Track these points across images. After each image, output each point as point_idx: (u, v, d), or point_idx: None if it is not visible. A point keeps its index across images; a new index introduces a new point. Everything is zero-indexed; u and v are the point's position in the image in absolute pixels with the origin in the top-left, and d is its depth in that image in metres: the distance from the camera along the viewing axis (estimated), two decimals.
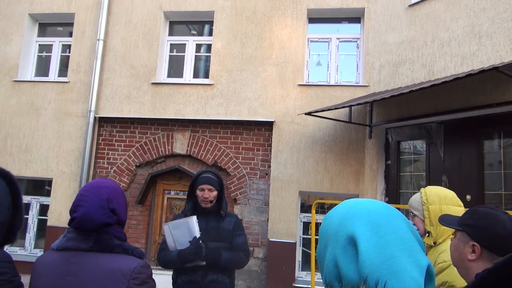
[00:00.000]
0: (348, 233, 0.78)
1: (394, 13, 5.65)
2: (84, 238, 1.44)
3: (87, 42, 6.87)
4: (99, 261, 1.41)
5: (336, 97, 6.00)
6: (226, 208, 2.70)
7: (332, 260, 0.80)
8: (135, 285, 1.38)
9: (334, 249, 0.80)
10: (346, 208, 0.85)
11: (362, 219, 0.79)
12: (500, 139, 4.50)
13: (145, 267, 1.45)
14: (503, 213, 1.43)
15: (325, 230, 0.86)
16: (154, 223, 6.35)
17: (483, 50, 4.44)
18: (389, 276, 0.72)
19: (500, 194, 4.40)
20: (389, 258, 0.73)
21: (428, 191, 1.94)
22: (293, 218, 5.90)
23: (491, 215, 1.41)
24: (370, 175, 5.74)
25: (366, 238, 0.76)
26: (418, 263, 0.75)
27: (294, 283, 5.72)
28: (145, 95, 6.57)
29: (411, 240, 0.78)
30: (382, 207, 0.83)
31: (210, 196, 2.59)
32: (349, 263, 0.76)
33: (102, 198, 1.47)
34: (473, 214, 1.44)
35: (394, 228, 0.78)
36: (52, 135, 6.67)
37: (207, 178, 2.61)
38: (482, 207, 1.51)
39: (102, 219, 1.44)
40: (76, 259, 1.42)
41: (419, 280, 0.73)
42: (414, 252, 0.76)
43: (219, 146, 6.28)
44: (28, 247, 6.62)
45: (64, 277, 1.41)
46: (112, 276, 1.38)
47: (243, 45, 6.45)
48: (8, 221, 1.53)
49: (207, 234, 2.53)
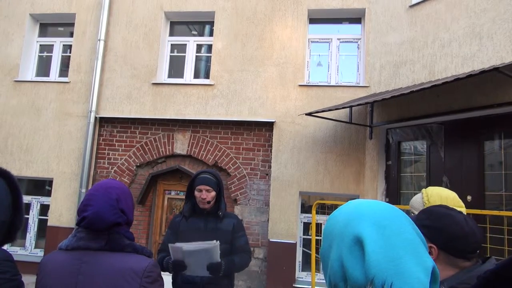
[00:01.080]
0: (354, 234, 0.78)
1: (394, 13, 5.65)
2: (94, 237, 1.46)
3: (88, 42, 6.88)
4: (110, 260, 1.43)
5: (337, 98, 6.00)
6: (224, 209, 2.68)
7: (337, 260, 0.80)
8: (147, 283, 1.41)
9: (340, 250, 0.80)
10: (351, 209, 0.85)
11: (368, 219, 0.79)
12: (500, 140, 4.49)
13: (156, 266, 1.49)
14: (459, 213, 1.44)
15: (330, 230, 0.86)
16: (155, 223, 6.35)
17: (484, 51, 4.43)
18: (396, 277, 0.72)
19: (500, 195, 4.40)
20: (396, 259, 0.74)
21: (429, 191, 1.94)
22: (294, 218, 5.90)
23: (448, 216, 1.41)
24: (370, 176, 5.73)
25: (372, 239, 0.76)
26: (424, 264, 0.75)
27: (295, 283, 5.71)
28: (145, 95, 6.57)
29: (416, 241, 0.78)
30: (388, 208, 0.83)
31: (208, 197, 2.58)
32: (355, 264, 0.76)
33: (112, 198, 1.49)
34: (429, 215, 1.42)
35: (400, 229, 0.78)
36: (53, 135, 6.68)
37: (204, 179, 2.60)
38: (438, 207, 1.50)
39: (113, 218, 1.46)
40: (87, 258, 1.44)
41: (424, 281, 0.73)
42: (420, 253, 0.77)
43: (219, 146, 6.28)
44: (29, 247, 6.62)
45: (77, 276, 1.42)
46: (124, 274, 1.40)
47: (243, 45, 6.45)
48: (8, 221, 1.53)
49: (205, 235, 2.52)
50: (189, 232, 2.59)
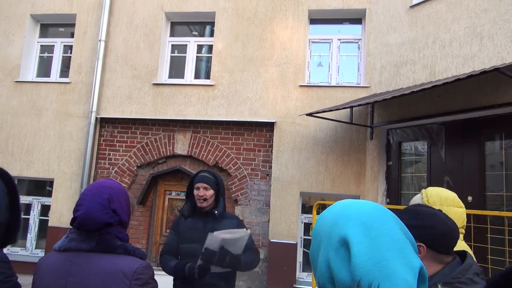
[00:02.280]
0: (341, 235, 0.78)
1: (395, 14, 5.65)
2: (86, 238, 1.44)
3: (89, 43, 6.88)
4: (101, 261, 1.41)
5: (337, 98, 5.99)
6: (222, 208, 2.64)
7: (324, 261, 0.80)
8: (137, 286, 1.38)
9: (327, 251, 0.80)
10: (338, 209, 0.84)
11: (354, 220, 0.79)
12: (501, 140, 4.49)
13: (147, 268, 1.44)
14: (439, 211, 1.48)
15: (318, 231, 0.86)
16: (155, 224, 6.35)
17: (485, 51, 4.43)
18: (382, 278, 0.71)
19: (501, 196, 4.39)
20: (382, 260, 0.73)
21: (429, 192, 1.94)
22: (294, 219, 5.90)
23: (433, 214, 1.44)
24: (371, 176, 5.73)
25: (358, 240, 0.75)
26: (411, 265, 0.75)
27: (295, 284, 5.71)
28: (146, 95, 6.58)
29: (403, 241, 0.78)
30: (374, 208, 0.82)
31: (206, 194, 2.57)
32: (341, 266, 0.76)
33: (103, 198, 1.46)
34: (416, 215, 1.43)
35: (386, 230, 0.77)
36: (54, 135, 6.69)
37: (203, 177, 2.62)
38: (419, 207, 1.52)
39: (103, 218, 1.43)
40: (78, 260, 1.42)
41: (411, 282, 0.73)
42: (407, 253, 0.76)
43: (220, 147, 6.28)
44: (29, 248, 6.62)
45: (67, 278, 1.40)
46: (114, 277, 1.37)
47: (244, 46, 6.45)
48: (6, 222, 1.52)
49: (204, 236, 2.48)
50: (188, 232, 2.58)
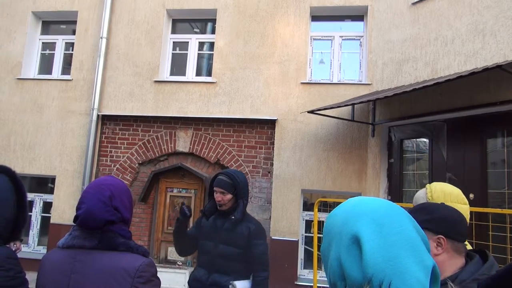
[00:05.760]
0: (352, 233, 0.77)
1: (397, 11, 5.63)
2: (88, 236, 1.44)
3: (90, 40, 6.88)
4: (103, 259, 1.41)
5: (339, 95, 5.98)
6: (241, 213, 2.61)
7: (336, 259, 0.79)
8: (139, 284, 1.38)
9: (338, 248, 0.79)
10: (350, 207, 0.84)
11: (366, 218, 0.78)
12: (503, 138, 4.48)
13: (150, 265, 1.44)
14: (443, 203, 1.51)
15: (329, 229, 0.85)
16: (157, 221, 6.37)
17: (487, 48, 4.41)
18: (394, 276, 0.71)
19: (503, 193, 4.39)
20: (394, 258, 0.72)
21: (433, 187, 1.92)
22: (296, 216, 5.90)
23: (442, 206, 1.46)
24: (373, 174, 5.73)
25: (370, 237, 0.75)
26: (423, 263, 0.74)
27: (296, 281, 5.73)
28: (148, 93, 6.58)
29: (416, 240, 0.77)
30: (387, 206, 0.81)
31: (223, 199, 2.59)
32: (353, 263, 0.75)
33: (104, 195, 1.46)
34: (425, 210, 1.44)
35: (398, 228, 0.77)
36: (55, 132, 6.70)
37: (219, 181, 2.62)
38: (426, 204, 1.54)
39: (104, 216, 1.43)
40: (81, 257, 1.42)
41: (424, 281, 0.72)
42: (419, 252, 0.75)
43: (221, 144, 6.28)
44: (32, 244, 6.65)
45: (69, 275, 1.41)
46: (116, 274, 1.37)
47: (245, 43, 6.44)
48: (13, 218, 1.54)
49: (219, 235, 2.58)
50: (206, 229, 2.67)
